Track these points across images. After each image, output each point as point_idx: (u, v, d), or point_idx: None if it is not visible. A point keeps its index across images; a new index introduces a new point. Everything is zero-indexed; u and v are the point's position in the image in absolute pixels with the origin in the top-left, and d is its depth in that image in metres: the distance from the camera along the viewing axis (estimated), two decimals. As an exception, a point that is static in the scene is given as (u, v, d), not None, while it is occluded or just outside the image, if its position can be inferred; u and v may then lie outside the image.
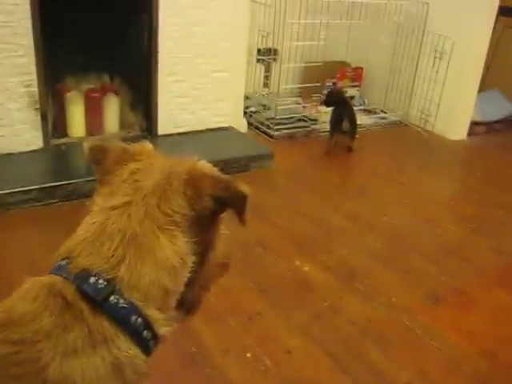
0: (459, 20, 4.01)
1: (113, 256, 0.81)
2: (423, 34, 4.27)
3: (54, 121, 3.27)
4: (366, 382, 1.78)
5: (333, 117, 3.65)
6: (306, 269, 2.36)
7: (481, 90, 4.36)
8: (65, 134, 3.26)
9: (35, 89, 2.93)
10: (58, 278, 0.82)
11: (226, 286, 2.18)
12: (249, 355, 1.84)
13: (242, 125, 3.80)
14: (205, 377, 1.74)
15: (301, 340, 1.93)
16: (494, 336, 2.07)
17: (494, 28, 4.20)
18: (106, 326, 0.78)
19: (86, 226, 0.88)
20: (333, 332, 1.99)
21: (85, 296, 0.78)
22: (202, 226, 0.89)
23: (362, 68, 4.65)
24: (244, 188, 0.89)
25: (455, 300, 2.27)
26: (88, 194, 0.90)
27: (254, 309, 2.07)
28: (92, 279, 0.80)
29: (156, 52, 3.23)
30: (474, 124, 4.36)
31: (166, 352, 1.82)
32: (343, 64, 4.59)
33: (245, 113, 3.96)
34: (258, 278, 2.26)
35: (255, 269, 2.34)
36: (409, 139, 4.22)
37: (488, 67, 4.66)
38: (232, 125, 3.69)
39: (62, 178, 2.76)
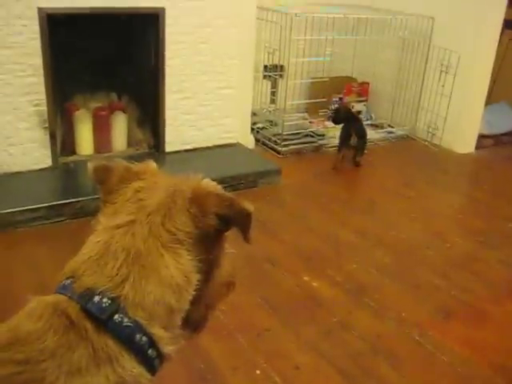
0: (465, 34, 4.02)
1: (117, 274, 0.82)
2: (429, 49, 4.28)
3: (62, 139, 3.29)
4: (376, 398, 1.77)
5: (342, 132, 3.66)
6: (314, 284, 2.35)
7: (488, 102, 4.36)
8: (73, 152, 3.29)
9: (44, 108, 2.96)
10: (62, 297, 0.83)
11: (235, 303, 2.17)
12: (258, 372, 1.83)
13: (249, 141, 3.82)
14: (214, 394, 1.73)
15: (310, 356, 1.92)
16: (506, 349, 2.05)
17: (500, 41, 4.21)
18: (110, 344, 0.78)
19: (91, 245, 0.89)
20: (342, 348, 1.98)
21: (89, 315, 0.79)
22: (207, 244, 0.89)
23: (368, 83, 4.66)
24: (248, 206, 0.89)
25: (465, 314, 2.25)
26: (96, 212, 0.91)
27: (262, 325, 2.07)
28: (96, 298, 0.80)
29: (163, 70, 3.26)
30: (481, 137, 4.35)
31: (176, 370, 1.82)
32: (349, 79, 4.61)
33: (252, 129, 3.97)
34: (266, 294, 2.25)
35: (264, 285, 2.33)
36: (416, 153, 4.22)
37: (494, 80, 4.66)
38: (239, 141, 3.71)
39: (70, 196, 2.78)
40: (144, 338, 0.81)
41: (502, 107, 4.69)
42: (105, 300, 0.80)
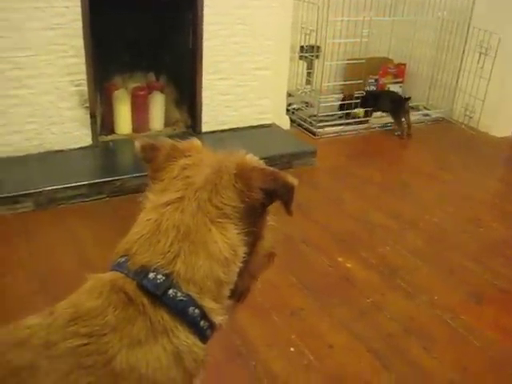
0: (506, 15, 3.94)
1: (169, 252, 0.87)
2: (468, 30, 4.21)
3: (102, 118, 3.36)
4: (407, 378, 1.80)
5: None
6: (348, 265, 2.39)
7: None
8: (112, 132, 3.36)
9: (85, 88, 3.02)
10: (118, 275, 0.88)
11: (270, 282, 2.22)
12: (292, 349, 1.88)
13: (284, 122, 3.84)
14: (250, 370, 1.78)
15: (343, 336, 1.96)
16: (539, 336, 2.06)
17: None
18: (165, 318, 0.84)
19: (142, 224, 0.93)
20: (375, 328, 2.01)
21: (145, 291, 0.84)
22: (252, 218, 0.93)
23: (404, 64, 4.62)
24: (291, 179, 0.92)
25: (499, 299, 2.26)
26: (135, 190, 0.93)
27: (297, 304, 2.11)
28: (151, 275, 0.85)
29: (201, 50, 3.29)
30: (519, 121, 4.28)
31: (213, 346, 1.88)
32: (386, 60, 4.57)
33: (287, 110, 3.99)
34: (301, 275, 2.29)
35: (298, 265, 2.37)
36: (452, 136, 4.18)
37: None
38: (275, 122, 3.73)
39: (110, 174, 2.85)
40: (196, 311, 0.86)
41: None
42: (159, 276, 0.85)
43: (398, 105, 4.00)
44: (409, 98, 4.05)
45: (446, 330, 2.04)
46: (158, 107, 3.47)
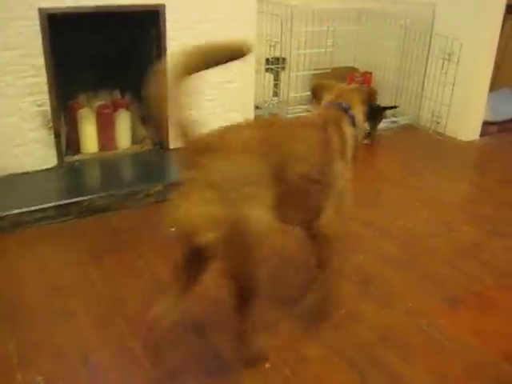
0: (466, 21, 4.00)
1: (346, 99, 2.01)
2: (431, 37, 4.27)
3: (67, 138, 3.31)
4: (386, 388, 1.77)
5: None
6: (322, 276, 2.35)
7: (492, 89, 4.34)
8: (78, 151, 3.30)
9: (48, 108, 2.97)
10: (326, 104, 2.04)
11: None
12: (268, 365, 1.84)
13: (253, 134, 3.81)
14: (224, 388, 1.74)
15: (318, 348, 1.93)
16: (515, 338, 2.05)
17: (503, 27, 4.19)
18: (346, 118, 1.95)
19: (334, 92, 2.08)
20: (351, 339, 1.98)
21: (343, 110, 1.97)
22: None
23: (370, 73, 4.65)
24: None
25: (474, 302, 2.25)
26: (103, 209, 0.92)
27: (272, 319, 2.07)
28: (343, 104, 1.98)
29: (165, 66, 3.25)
30: (485, 124, 4.34)
31: (186, 364, 1.84)
32: (352, 69, 4.59)
33: (255, 122, 3.97)
34: (274, 287, 2.26)
35: (271, 277, 2.33)
36: (421, 142, 4.21)
37: (498, 66, 4.64)
38: (243, 135, 3.70)
39: (77, 195, 2.79)
40: (352, 117, 1.98)
41: (506, 93, 4.68)
42: (345, 105, 1.98)
43: (376, 113, 4.00)
44: (392, 107, 4.05)
45: (422, 336, 2.03)
46: (124, 125, 3.42)
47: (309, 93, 2.23)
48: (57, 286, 2.22)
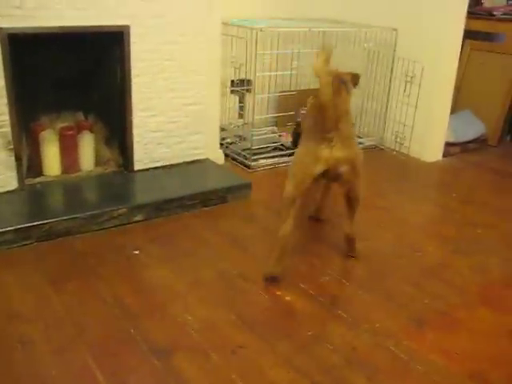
0: (427, 44, 4.09)
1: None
2: (393, 60, 4.35)
3: (28, 160, 3.24)
4: (353, 411, 1.75)
5: None
6: (287, 298, 2.34)
7: (453, 111, 4.44)
8: (40, 174, 3.23)
9: (8, 129, 2.90)
10: None
11: (208, 321, 2.16)
12: (234, 390, 1.81)
13: (218, 156, 3.81)
14: (189, 415, 1.70)
15: (286, 371, 1.90)
16: (482, 356, 2.06)
17: (462, 51, 4.29)
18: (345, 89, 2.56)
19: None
20: (317, 361, 1.96)
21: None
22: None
23: (335, 95, 4.69)
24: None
25: (439, 322, 2.26)
26: (65, 233, 0.91)
27: (237, 342, 2.04)
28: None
29: (129, 88, 3.23)
30: (448, 145, 4.42)
31: (149, 392, 1.79)
32: (317, 92, 4.63)
33: (221, 144, 3.97)
34: (239, 311, 2.23)
35: (236, 301, 2.31)
36: (385, 163, 4.26)
37: (458, 89, 4.75)
38: (209, 157, 3.70)
39: (38, 218, 2.72)
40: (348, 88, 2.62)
41: (467, 115, 4.77)
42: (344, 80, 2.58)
43: None
44: None
45: (388, 357, 2.02)
46: (87, 147, 3.37)
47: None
48: (15, 313, 2.15)
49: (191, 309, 2.23)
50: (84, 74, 3.43)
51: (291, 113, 4.15)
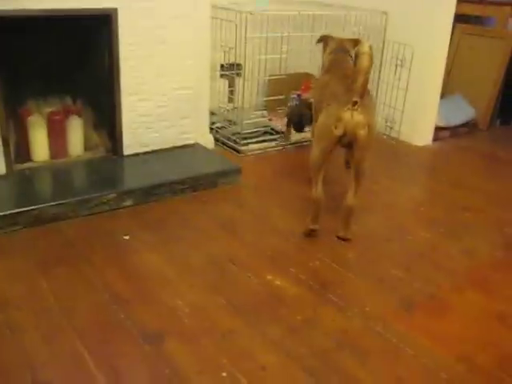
0: (417, 28, 4.07)
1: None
2: (384, 43, 4.33)
3: (16, 146, 3.21)
4: (343, 394, 1.76)
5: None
6: (277, 283, 2.34)
7: (443, 95, 4.43)
8: (28, 159, 3.20)
9: (-5, 114, 2.87)
10: None
11: (198, 305, 2.16)
12: (224, 374, 1.81)
13: (208, 141, 3.79)
14: (180, 400, 1.70)
15: (276, 355, 1.91)
16: (470, 339, 2.07)
17: (452, 35, 4.28)
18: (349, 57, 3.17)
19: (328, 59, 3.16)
20: (308, 345, 1.97)
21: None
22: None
23: (325, 79, 4.67)
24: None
25: (428, 305, 2.27)
26: (53, 219, 0.89)
27: (227, 327, 2.04)
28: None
29: (118, 72, 3.20)
30: (438, 129, 4.42)
31: (140, 376, 1.79)
32: (307, 75, 4.61)
33: (211, 129, 3.94)
34: (230, 295, 2.23)
35: (227, 286, 2.31)
36: (375, 147, 4.23)
37: (449, 73, 4.74)
38: (198, 141, 3.68)
39: (26, 204, 2.70)
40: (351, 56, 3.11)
41: (457, 99, 4.77)
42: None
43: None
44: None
45: (379, 340, 2.03)
46: (76, 132, 3.34)
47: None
48: (3, 299, 2.14)
49: (181, 294, 2.23)
50: (72, 59, 3.39)
51: (281, 97, 4.12)
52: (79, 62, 3.41)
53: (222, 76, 4.23)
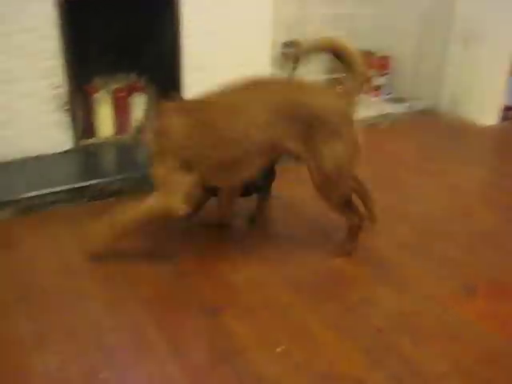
0: (488, 2, 3.91)
1: None
2: (452, 18, 4.18)
3: (82, 122, 3.30)
4: (399, 375, 1.75)
5: None
6: (336, 261, 2.34)
7: (512, 73, 4.27)
8: (93, 135, 3.30)
9: (63, 91, 2.96)
10: None
11: (258, 281, 2.19)
12: (280, 349, 1.83)
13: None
14: (237, 372, 1.73)
15: (332, 333, 1.92)
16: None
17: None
18: None
19: None
20: (364, 325, 1.97)
21: None
22: None
23: (388, 56, 4.58)
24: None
25: (490, 290, 2.22)
26: (116, 193, 0.93)
27: (285, 303, 2.07)
28: None
29: (181, 48, 3.24)
30: (506, 109, 4.26)
31: (198, 347, 1.84)
32: (369, 53, 4.53)
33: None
34: (289, 272, 2.25)
35: (286, 263, 2.33)
36: (439, 127, 4.15)
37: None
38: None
39: (91, 178, 2.80)
40: None
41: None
42: None
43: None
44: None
45: (437, 323, 2.00)
46: (139, 108, 3.41)
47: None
48: (70, 268, 2.23)
49: (239, 268, 2.26)
50: (137, 36, 3.44)
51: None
52: (145, 40, 3.46)
53: (283, 54, 4.21)
